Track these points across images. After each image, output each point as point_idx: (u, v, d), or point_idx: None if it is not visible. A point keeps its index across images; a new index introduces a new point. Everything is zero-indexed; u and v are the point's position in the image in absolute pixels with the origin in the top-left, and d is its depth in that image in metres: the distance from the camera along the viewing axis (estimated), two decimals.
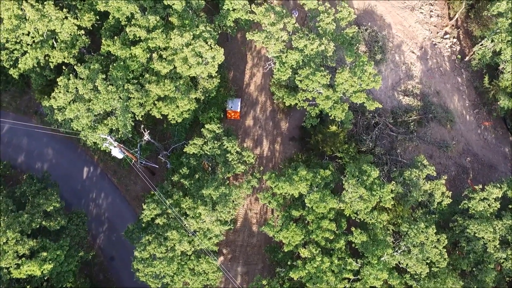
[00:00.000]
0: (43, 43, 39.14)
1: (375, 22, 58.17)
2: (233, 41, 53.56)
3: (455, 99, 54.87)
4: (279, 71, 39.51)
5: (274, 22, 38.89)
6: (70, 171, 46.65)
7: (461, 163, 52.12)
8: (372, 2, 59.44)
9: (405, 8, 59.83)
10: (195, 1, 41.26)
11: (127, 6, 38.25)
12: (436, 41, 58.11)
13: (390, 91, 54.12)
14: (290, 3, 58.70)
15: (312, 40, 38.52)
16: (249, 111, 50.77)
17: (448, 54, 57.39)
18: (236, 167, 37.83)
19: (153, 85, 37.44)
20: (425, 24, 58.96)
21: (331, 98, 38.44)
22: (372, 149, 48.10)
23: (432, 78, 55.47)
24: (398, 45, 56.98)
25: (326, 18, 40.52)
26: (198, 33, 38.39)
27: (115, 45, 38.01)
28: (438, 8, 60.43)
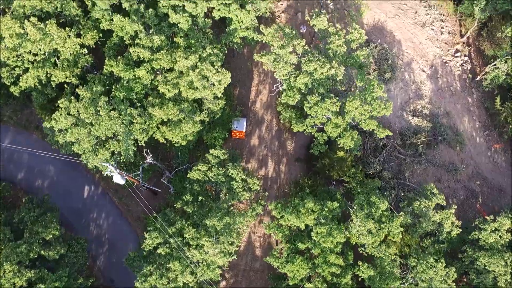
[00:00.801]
0: (45, 62, 37.76)
1: (385, 38, 56.54)
2: (239, 56, 52.07)
3: (465, 120, 53.30)
4: (287, 96, 38.04)
5: (283, 44, 37.37)
6: (71, 189, 45.40)
7: (470, 187, 50.64)
8: (382, 17, 57.78)
9: (415, 24, 58.15)
10: (201, 19, 39.81)
11: (131, 25, 36.84)
12: (446, 59, 56.45)
13: (399, 111, 52.57)
14: (299, 17, 57.15)
15: (322, 64, 37.01)
16: (254, 130, 49.36)
17: (459, 73, 55.75)
18: (241, 195, 36.50)
19: (157, 108, 36.06)
20: (435, 41, 57.30)
21: (340, 126, 37.00)
22: (379, 172, 46.68)
23: (442, 98, 53.89)
24: (408, 63, 55.37)
25: (337, 40, 38.99)
26: (204, 55, 36.95)
27: (118, 66, 36.59)
28: (450, 25, 58.74)
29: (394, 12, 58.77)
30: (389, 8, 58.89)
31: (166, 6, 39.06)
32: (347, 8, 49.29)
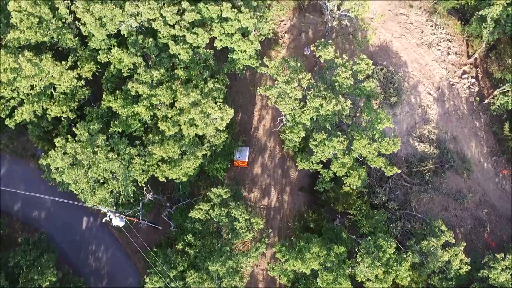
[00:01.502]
0: (41, 95, 36.20)
1: (391, 59, 54.93)
2: (241, 80, 50.52)
3: (473, 145, 51.86)
4: (292, 132, 36.57)
5: (289, 80, 35.83)
6: (69, 221, 43.98)
7: (477, 215, 49.29)
8: (387, 37, 56.16)
9: (422, 44, 56.54)
10: (203, 50, 38.23)
11: (129, 58, 35.28)
12: (453, 81, 54.91)
13: (405, 136, 51.08)
14: (302, 37, 55.49)
15: (328, 100, 35.50)
16: (257, 157, 47.88)
17: (466, 96, 54.24)
18: (244, 235, 35.14)
19: (157, 146, 34.58)
20: (442, 63, 55.72)
21: (346, 164, 35.57)
22: (385, 202, 45.31)
23: (449, 122, 52.41)
24: (414, 86, 53.82)
25: (344, 72, 37.46)
26: (206, 91, 35.44)
27: (116, 102, 35.07)
28: (456, 45, 57.12)
29: (400, 31, 57.16)
30: (394, 27, 57.27)
31: (166, 37, 37.50)
32: (353, 33, 47.63)
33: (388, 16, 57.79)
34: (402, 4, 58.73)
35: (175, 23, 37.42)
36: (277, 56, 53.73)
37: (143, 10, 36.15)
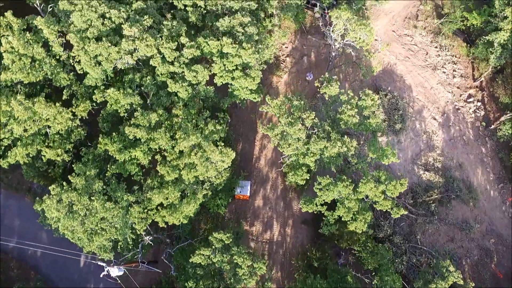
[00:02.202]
0: (35, 136, 34.72)
1: (395, 83, 53.45)
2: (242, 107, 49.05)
3: (479, 172, 50.53)
4: (295, 175, 35.22)
5: (292, 121, 34.37)
6: (66, 258, 42.65)
7: (484, 245, 48.05)
8: (391, 60, 54.61)
9: (426, 66, 55.02)
10: (203, 87, 36.74)
11: (126, 99, 33.80)
12: (459, 105, 53.47)
13: (410, 164, 49.72)
14: (304, 61, 53.96)
15: (333, 142, 34.08)
16: (258, 189, 46.51)
17: (472, 120, 52.83)
18: (247, 282, 33.89)
19: (156, 192, 33.17)
20: (447, 86, 54.24)
21: (352, 209, 34.25)
22: (390, 235, 44.04)
23: (454, 148, 51.04)
24: (419, 111, 52.38)
25: (349, 110, 36.02)
26: (206, 133, 34.00)
27: (113, 146, 33.60)
28: (462, 67, 55.61)
29: (404, 54, 55.62)
30: (398, 49, 55.72)
31: (164, 74, 36.02)
32: (357, 61, 46.11)
33: (392, 37, 56.24)
34: (406, 24, 57.16)
35: (174, 60, 35.95)
36: (279, 81, 52.26)
37: (139, 47, 34.64)
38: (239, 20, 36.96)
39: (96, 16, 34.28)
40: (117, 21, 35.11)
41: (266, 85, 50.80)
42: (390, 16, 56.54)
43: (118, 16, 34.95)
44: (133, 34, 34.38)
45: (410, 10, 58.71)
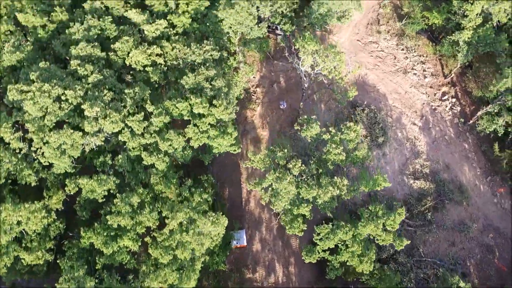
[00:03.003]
0: (9, 244, 31.97)
1: (369, 94, 52.65)
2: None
3: (466, 169, 50.56)
4: (292, 228, 33.89)
5: (280, 176, 32.88)
6: None
7: (483, 242, 48.23)
8: (362, 71, 53.71)
9: (397, 71, 54.43)
10: (180, 153, 34.70)
11: (101, 187, 31.48)
12: (435, 105, 53.21)
13: (399, 176, 49.23)
14: (275, 88, 52.20)
15: (325, 189, 32.81)
16: (254, 233, 45.00)
17: (450, 118, 52.69)
18: None
19: (152, 277, 31.15)
20: (420, 87, 53.85)
21: (356, 252, 33.31)
22: (393, 254, 43.53)
23: (438, 150, 50.83)
24: (398, 118, 51.82)
25: (334, 149, 34.82)
26: (194, 205, 32.13)
27: (98, 238, 31.31)
28: (431, 66, 55.28)
29: (373, 62, 54.82)
30: (366, 58, 54.85)
31: (136, 148, 33.81)
32: (331, 87, 44.88)
33: (358, 47, 55.29)
34: (369, 31, 56.26)
35: (144, 131, 33.77)
36: (253, 114, 50.52)
37: (104, 126, 32.28)
38: (204, 75, 35.04)
39: (51, 101, 31.67)
40: (74, 101, 32.59)
41: (240, 121, 49.08)
42: (353, 25, 55.51)
43: (75, 96, 32.43)
44: (95, 113, 32.00)
45: (370, 15, 57.86)
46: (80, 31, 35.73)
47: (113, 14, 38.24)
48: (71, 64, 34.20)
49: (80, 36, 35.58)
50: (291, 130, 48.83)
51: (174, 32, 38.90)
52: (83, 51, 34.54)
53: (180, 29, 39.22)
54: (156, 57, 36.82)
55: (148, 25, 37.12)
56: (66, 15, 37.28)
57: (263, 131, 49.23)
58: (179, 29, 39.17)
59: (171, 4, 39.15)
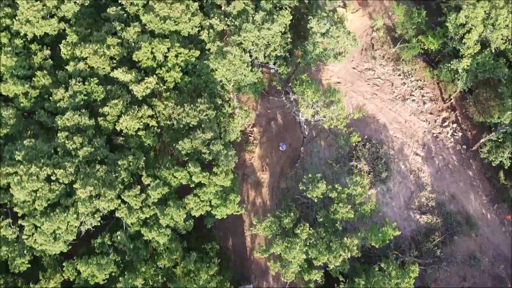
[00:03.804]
0: None
1: (369, 125, 51.19)
2: None
3: (472, 198, 49.54)
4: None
5: (288, 245, 31.33)
6: None
7: (495, 273, 47.33)
8: (360, 101, 52.19)
9: (395, 99, 53.06)
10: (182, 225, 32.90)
11: (101, 274, 29.64)
12: (436, 132, 52.01)
13: (405, 211, 48.06)
14: (273, 125, 50.40)
15: (335, 253, 31.41)
16: (261, 284, 43.58)
17: (452, 145, 51.57)
18: None
19: None
20: (420, 114, 52.57)
21: None
22: None
23: (443, 180, 49.70)
24: (400, 150, 50.55)
25: (342, 208, 33.37)
26: (201, 283, 30.44)
27: None
28: (429, 90, 53.99)
29: (371, 90, 53.37)
30: (364, 87, 53.38)
31: (135, 224, 31.98)
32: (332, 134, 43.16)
33: (354, 75, 53.77)
34: (364, 57, 54.74)
35: (142, 205, 31.94)
36: (252, 157, 48.89)
37: (99, 205, 30.39)
38: (201, 139, 33.26)
39: (40, 184, 29.67)
40: (66, 180, 30.61)
41: (239, 165, 47.36)
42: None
43: (66, 175, 30.45)
44: (88, 193, 30.09)
45: (364, 40, 56.29)
46: (65, 98, 33.67)
47: (99, 74, 36.21)
48: (59, 137, 32.17)
49: (65, 104, 33.53)
50: (292, 171, 47.36)
51: (165, 88, 37.02)
52: (70, 121, 32.52)
53: (171, 84, 37.35)
54: (148, 119, 34.94)
55: (136, 85, 35.16)
56: (48, 79, 35.13)
57: (263, 174, 47.62)
58: (170, 84, 37.29)
59: (160, 57, 37.22)
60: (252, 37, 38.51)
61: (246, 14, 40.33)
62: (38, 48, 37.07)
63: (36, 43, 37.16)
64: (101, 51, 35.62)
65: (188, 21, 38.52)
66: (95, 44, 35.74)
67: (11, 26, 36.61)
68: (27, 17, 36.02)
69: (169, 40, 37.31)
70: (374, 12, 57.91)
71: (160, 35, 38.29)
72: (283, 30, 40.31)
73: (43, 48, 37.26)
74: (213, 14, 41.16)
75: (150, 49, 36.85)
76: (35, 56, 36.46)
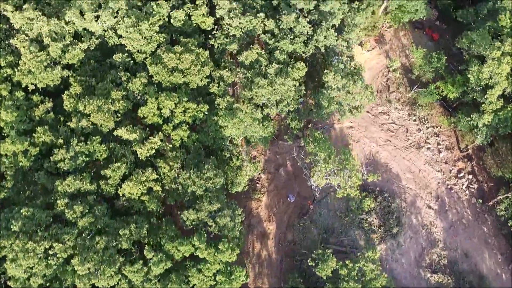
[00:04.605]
0: None
1: (381, 175, 49.16)
2: None
3: (486, 256, 47.60)
4: None
5: None
6: None
7: None
8: (372, 148, 50.21)
9: (410, 147, 51.01)
10: None
11: None
12: (451, 184, 49.97)
13: (415, 268, 46.19)
14: (282, 173, 48.53)
15: None
16: None
17: (467, 198, 49.54)
18: None
19: None
20: (435, 164, 50.48)
21: None
22: None
23: (456, 235, 47.76)
24: (412, 202, 48.57)
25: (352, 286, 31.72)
26: None
27: None
28: (445, 137, 51.87)
29: (384, 137, 51.32)
30: (377, 133, 51.33)
31: None
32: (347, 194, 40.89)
33: (368, 120, 51.64)
34: (379, 100, 52.63)
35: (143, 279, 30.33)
36: (259, 206, 47.16)
37: (99, 283, 28.87)
38: (207, 211, 31.59)
39: (37, 261, 28.17)
40: (64, 255, 29.10)
41: (245, 215, 45.64)
42: None
43: (64, 250, 28.94)
44: (87, 270, 28.57)
45: (380, 81, 54.16)
46: (66, 160, 32.05)
47: (102, 131, 34.55)
48: (58, 204, 30.62)
49: (66, 167, 31.93)
50: (300, 223, 45.66)
51: (171, 147, 35.33)
52: (71, 187, 30.95)
53: (178, 142, 35.64)
54: (152, 183, 33.30)
55: (140, 146, 33.48)
56: (49, 135, 33.46)
57: (270, 225, 45.91)
58: (176, 143, 35.59)
59: (166, 112, 35.48)
60: (265, 92, 36.65)
61: (258, 65, 38.47)
62: (40, 99, 35.42)
63: (37, 94, 35.52)
64: (105, 107, 33.92)
65: (198, 73, 36.69)
66: (99, 99, 34.03)
67: (12, 76, 34.98)
68: (29, 68, 34.36)
69: (176, 94, 35.55)
70: (391, 49, 55.78)
71: (167, 88, 36.53)
72: (297, 84, 38.40)
73: (45, 99, 35.60)
74: (224, 63, 39.35)
75: (157, 105, 35.12)
76: (36, 109, 34.83)
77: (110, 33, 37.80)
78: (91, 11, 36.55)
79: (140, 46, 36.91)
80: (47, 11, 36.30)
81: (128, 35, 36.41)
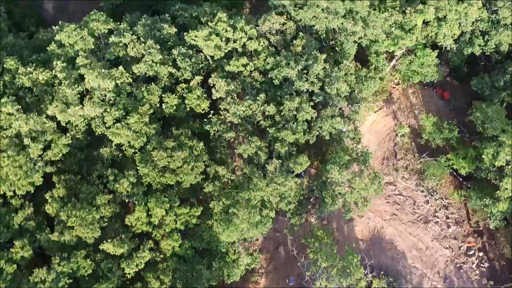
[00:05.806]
0: None
1: (386, 253, 46.40)
2: None
3: None
4: None
5: None
6: None
7: None
8: (377, 223, 47.34)
9: (417, 221, 48.08)
10: None
11: None
12: (460, 262, 47.15)
13: None
14: (281, 252, 45.89)
15: None
16: None
17: (477, 278, 46.72)
18: None
19: None
20: (443, 240, 47.59)
21: None
22: None
23: None
24: (419, 283, 45.68)
25: None
26: None
27: None
28: (455, 210, 48.85)
29: (390, 210, 48.35)
30: (383, 206, 48.34)
31: None
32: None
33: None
34: (385, 169, 49.55)
35: None
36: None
37: None
38: None
39: None
40: None
41: None
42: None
43: None
44: None
45: (386, 146, 50.98)
46: (47, 283, 29.41)
47: (87, 242, 31.81)
48: None
49: None
50: None
51: (162, 257, 32.63)
52: None
53: (169, 252, 32.91)
54: None
55: (128, 265, 30.80)
56: (29, 250, 30.77)
57: None
58: (167, 252, 32.87)
59: (156, 221, 32.67)
60: (264, 195, 33.80)
61: (258, 159, 35.49)
62: (19, 204, 32.59)
63: (17, 198, 32.68)
64: (89, 217, 31.12)
65: (191, 171, 33.76)
66: (83, 207, 31.21)
67: None
68: (6, 173, 31.46)
69: (167, 199, 32.70)
70: (399, 110, 52.45)
71: (157, 190, 33.65)
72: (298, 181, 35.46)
73: (25, 203, 32.77)
74: (221, 155, 36.37)
75: (145, 212, 32.32)
76: (16, 216, 32.02)
77: (97, 122, 34.79)
78: (75, 101, 33.50)
79: (128, 141, 33.96)
80: (24, 105, 33.28)
81: (115, 130, 33.41)
